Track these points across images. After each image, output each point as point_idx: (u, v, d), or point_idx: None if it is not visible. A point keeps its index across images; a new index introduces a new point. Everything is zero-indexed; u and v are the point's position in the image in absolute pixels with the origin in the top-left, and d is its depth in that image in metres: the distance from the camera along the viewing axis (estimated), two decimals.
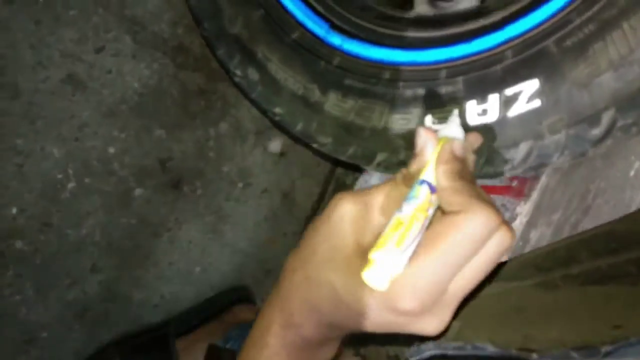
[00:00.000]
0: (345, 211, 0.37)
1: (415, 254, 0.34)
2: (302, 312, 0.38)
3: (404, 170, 0.39)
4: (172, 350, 0.85)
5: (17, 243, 0.85)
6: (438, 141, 0.39)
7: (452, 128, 0.40)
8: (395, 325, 0.36)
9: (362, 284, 0.35)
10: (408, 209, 0.35)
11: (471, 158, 0.41)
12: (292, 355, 0.40)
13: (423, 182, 0.36)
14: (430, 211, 0.36)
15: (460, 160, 0.38)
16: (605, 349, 0.39)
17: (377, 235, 0.36)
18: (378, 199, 0.38)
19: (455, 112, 0.48)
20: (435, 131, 0.40)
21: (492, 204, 0.35)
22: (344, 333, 0.41)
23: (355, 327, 0.37)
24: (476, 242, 0.34)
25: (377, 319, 0.36)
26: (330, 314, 0.37)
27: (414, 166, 0.39)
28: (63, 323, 0.91)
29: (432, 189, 0.36)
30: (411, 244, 0.34)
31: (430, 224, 0.36)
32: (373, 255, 0.34)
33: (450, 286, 0.35)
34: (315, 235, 0.38)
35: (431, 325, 0.36)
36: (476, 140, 0.43)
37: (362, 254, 0.35)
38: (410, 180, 0.37)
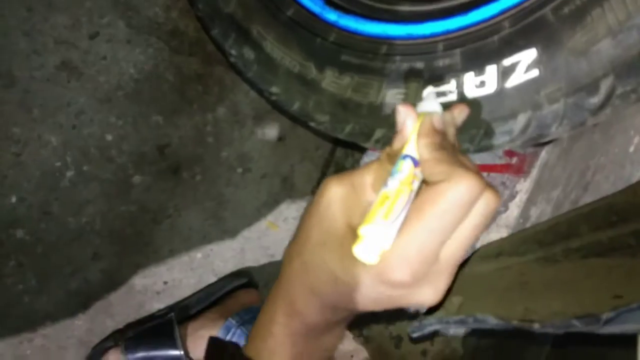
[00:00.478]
0: (333, 193, 0.38)
1: (402, 225, 0.35)
2: (303, 299, 0.39)
3: (388, 149, 0.39)
4: (176, 336, 0.86)
5: (18, 232, 0.85)
6: (418, 117, 0.39)
7: (430, 103, 0.40)
8: (392, 299, 0.37)
9: (356, 261, 0.35)
10: (393, 183, 0.36)
11: (451, 131, 0.41)
12: (297, 344, 0.40)
13: (406, 156, 0.37)
14: (415, 184, 0.37)
15: (440, 133, 0.38)
16: (606, 315, 0.39)
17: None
18: (365, 178, 0.38)
19: (431, 88, 0.49)
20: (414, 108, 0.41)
21: (474, 170, 0.35)
22: (347, 316, 0.42)
23: (356, 306, 0.38)
24: (462, 207, 0.34)
25: (374, 295, 0.36)
26: (330, 296, 0.38)
27: (396, 144, 0.39)
28: (66, 311, 0.91)
29: (415, 163, 0.37)
30: (398, 216, 0.35)
31: (416, 196, 0.36)
32: (361, 230, 0.35)
33: (442, 254, 0.35)
34: (308, 220, 0.39)
35: (427, 295, 0.36)
36: (461, 112, 0.42)
37: (353, 234, 0.36)
38: (395, 158, 0.38)
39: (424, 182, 0.37)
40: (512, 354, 0.76)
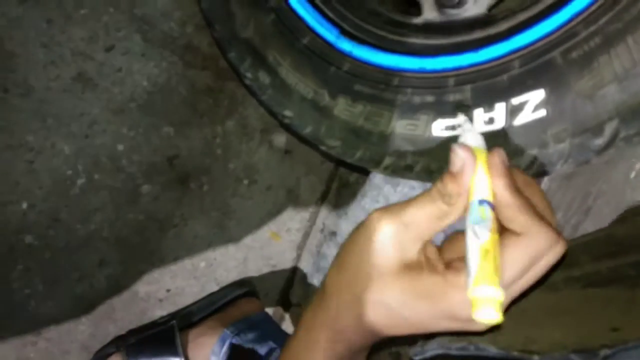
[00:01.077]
0: (385, 231, 0.38)
1: None
2: (355, 329, 0.40)
3: (439, 186, 0.39)
4: (177, 343, 0.87)
5: (27, 238, 0.87)
6: (476, 157, 0.38)
7: (473, 136, 0.40)
8: (452, 328, 0.39)
9: (417, 297, 0.37)
10: (484, 234, 0.36)
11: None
12: None
13: (483, 202, 0.37)
14: (498, 228, 0.37)
15: (510, 171, 0.38)
16: (604, 352, 0.41)
17: (420, 252, 0.38)
18: (417, 216, 0.38)
19: (465, 118, 0.49)
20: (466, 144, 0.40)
21: (549, 223, 0.37)
22: (389, 339, 0.43)
23: (410, 333, 0.40)
24: (536, 259, 0.37)
25: (437, 327, 0.39)
26: (383, 328, 0.40)
27: (453, 186, 0.38)
28: (70, 316, 0.93)
29: (492, 206, 0.37)
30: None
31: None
32: (475, 292, 0.35)
33: (508, 290, 0.37)
34: (358, 256, 0.39)
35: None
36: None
37: (408, 270, 0.38)
38: (449, 198, 0.38)
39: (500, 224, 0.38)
40: None
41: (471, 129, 0.42)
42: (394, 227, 0.38)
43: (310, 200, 1.10)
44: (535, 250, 0.36)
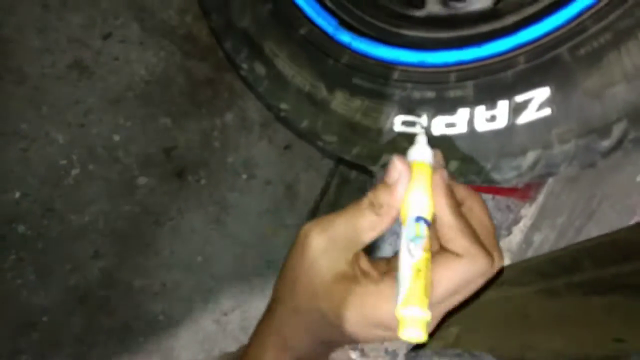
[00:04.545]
0: (315, 247, 0.39)
1: None
2: (297, 336, 0.41)
3: (371, 195, 0.39)
4: None
5: (20, 227, 0.86)
6: (412, 170, 0.39)
7: (422, 150, 0.40)
8: (383, 338, 0.39)
9: (349, 307, 0.38)
10: (418, 252, 0.36)
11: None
12: None
13: (419, 219, 0.37)
14: (432, 246, 0.38)
15: (452, 191, 0.39)
16: None
17: (351, 261, 0.39)
18: (345, 229, 0.39)
19: (422, 130, 0.49)
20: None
21: (486, 248, 0.37)
22: (335, 347, 0.44)
23: (347, 343, 0.41)
24: (472, 283, 0.37)
25: (367, 336, 0.39)
26: (323, 336, 0.41)
27: (384, 196, 0.39)
28: (63, 308, 0.92)
29: (428, 223, 0.37)
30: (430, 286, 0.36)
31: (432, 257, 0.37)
32: (404, 312, 0.35)
33: (436, 308, 0.38)
34: (294, 270, 0.41)
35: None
36: (440, 157, 0.43)
37: (341, 280, 0.38)
38: (379, 208, 0.38)
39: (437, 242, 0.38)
40: None
41: (423, 142, 0.41)
42: (321, 241, 0.39)
43: (309, 196, 1.08)
44: (471, 274, 0.37)
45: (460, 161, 0.51)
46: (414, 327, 0.35)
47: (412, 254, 0.36)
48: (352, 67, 0.56)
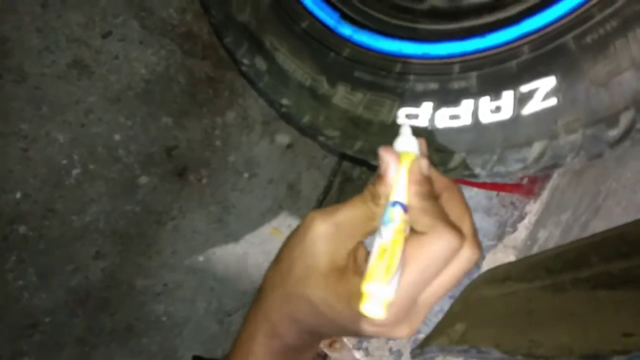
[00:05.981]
0: (317, 231, 0.40)
1: None
2: (284, 324, 0.41)
3: (371, 188, 0.41)
4: None
5: (21, 228, 0.85)
6: (399, 159, 0.40)
7: (407, 140, 0.41)
8: (370, 333, 0.40)
9: (338, 298, 0.38)
10: (387, 234, 0.37)
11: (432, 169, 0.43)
12: None
13: (395, 203, 0.38)
14: (407, 230, 0.38)
15: (428, 179, 0.40)
16: (616, 359, 0.38)
17: (349, 254, 0.40)
18: (349, 217, 0.40)
19: (405, 122, 0.49)
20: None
21: (454, 225, 0.38)
22: (324, 338, 0.43)
23: (335, 334, 0.40)
24: (442, 260, 0.37)
25: (355, 329, 0.39)
26: (311, 325, 0.41)
27: (380, 187, 0.40)
28: (65, 309, 0.91)
29: (405, 208, 0.38)
30: (398, 268, 0.36)
31: (406, 240, 0.38)
32: (366, 287, 0.36)
33: (420, 298, 0.38)
34: (291, 252, 0.41)
35: (403, 332, 0.40)
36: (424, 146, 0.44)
37: (336, 270, 0.39)
38: (378, 199, 0.39)
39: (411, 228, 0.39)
40: None
41: (407, 132, 0.42)
42: (326, 227, 0.39)
43: (312, 195, 1.08)
44: (437, 249, 0.37)
45: (464, 154, 0.50)
46: (373, 303, 0.36)
47: (381, 235, 0.37)
48: (354, 60, 0.55)
